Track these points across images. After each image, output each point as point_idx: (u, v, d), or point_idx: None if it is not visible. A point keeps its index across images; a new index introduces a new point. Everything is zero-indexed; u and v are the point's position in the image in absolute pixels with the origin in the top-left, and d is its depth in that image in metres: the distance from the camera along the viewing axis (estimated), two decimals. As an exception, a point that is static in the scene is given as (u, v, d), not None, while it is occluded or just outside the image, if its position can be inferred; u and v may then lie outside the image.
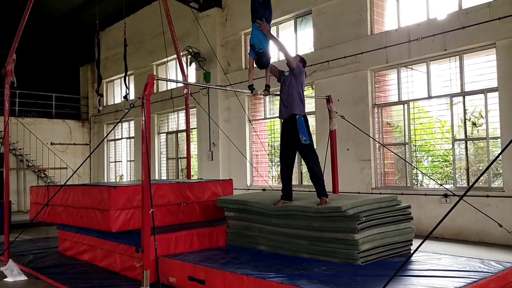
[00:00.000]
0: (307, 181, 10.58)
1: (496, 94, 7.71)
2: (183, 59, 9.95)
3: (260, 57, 5.57)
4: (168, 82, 14.74)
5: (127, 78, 9.66)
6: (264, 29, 5.60)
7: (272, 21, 11.22)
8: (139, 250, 4.53)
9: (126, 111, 5.12)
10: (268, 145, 11.90)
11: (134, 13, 15.49)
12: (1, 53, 17.35)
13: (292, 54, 5.87)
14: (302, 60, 5.78)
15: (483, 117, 8.02)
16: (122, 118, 5.93)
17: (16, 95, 16.53)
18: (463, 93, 8.13)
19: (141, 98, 4.42)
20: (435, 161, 9.15)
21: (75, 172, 6.01)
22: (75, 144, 18.05)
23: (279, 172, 11.40)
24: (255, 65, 5.73)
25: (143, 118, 4.42)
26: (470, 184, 8.08)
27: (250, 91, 5.78)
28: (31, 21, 7.37)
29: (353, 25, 9.67)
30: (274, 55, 7.00)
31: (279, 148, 11.23)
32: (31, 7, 7.14)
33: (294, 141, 5.40)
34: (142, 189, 4.57)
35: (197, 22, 12.15)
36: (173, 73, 14.46)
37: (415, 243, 5.33)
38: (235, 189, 7.85)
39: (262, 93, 5.88)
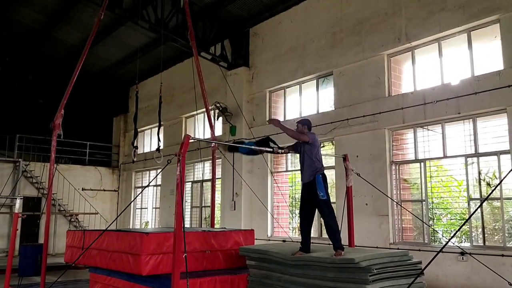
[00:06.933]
0: (325, 233, 10.82)
1: (508, 156, 8.04)
2: (211, 113, 10.67)
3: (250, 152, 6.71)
4: (196, 134, 15.50)
5: (158, 130, 10.43)
6: (275, 122, 6.21)
7: (296, 81, 12.15)
8: (169, 292, 4.96)
9: (159, 162, 5.73)
10: (289, 197, 12.28)
11: (167, 69, 16.65)
12: (39, 102, 18.68)
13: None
14: (306, 123, 6.20)
15: (497, 178, 8.30)
16: (160, 172, 6.55)
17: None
18: (477, 154, 8.48)
19: (177, 156, 5.03)
20: (452, 219, 9.34)
21: (116, 219, 6.55)
22: (104, 190, 18.84)
23: (299, 225, 11.70)
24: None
25: (178, 173, 5.00)
26: (486, 243, 8.25)
27: (271, 150, 6.37)
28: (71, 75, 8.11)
29: (371, 87, 10.28)
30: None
31: (299, 201, 11.66)
32: (74, 64, 7.97)
33: (313, 197, 5.85)
34: (175, 235, 5.05)
35: (225, 79, 13.07)
36: (201, 125, 15.26)
37: (427, 298, 5.58)
38: (256, 239, 8.20)
39: (284, 151, 6.44)
